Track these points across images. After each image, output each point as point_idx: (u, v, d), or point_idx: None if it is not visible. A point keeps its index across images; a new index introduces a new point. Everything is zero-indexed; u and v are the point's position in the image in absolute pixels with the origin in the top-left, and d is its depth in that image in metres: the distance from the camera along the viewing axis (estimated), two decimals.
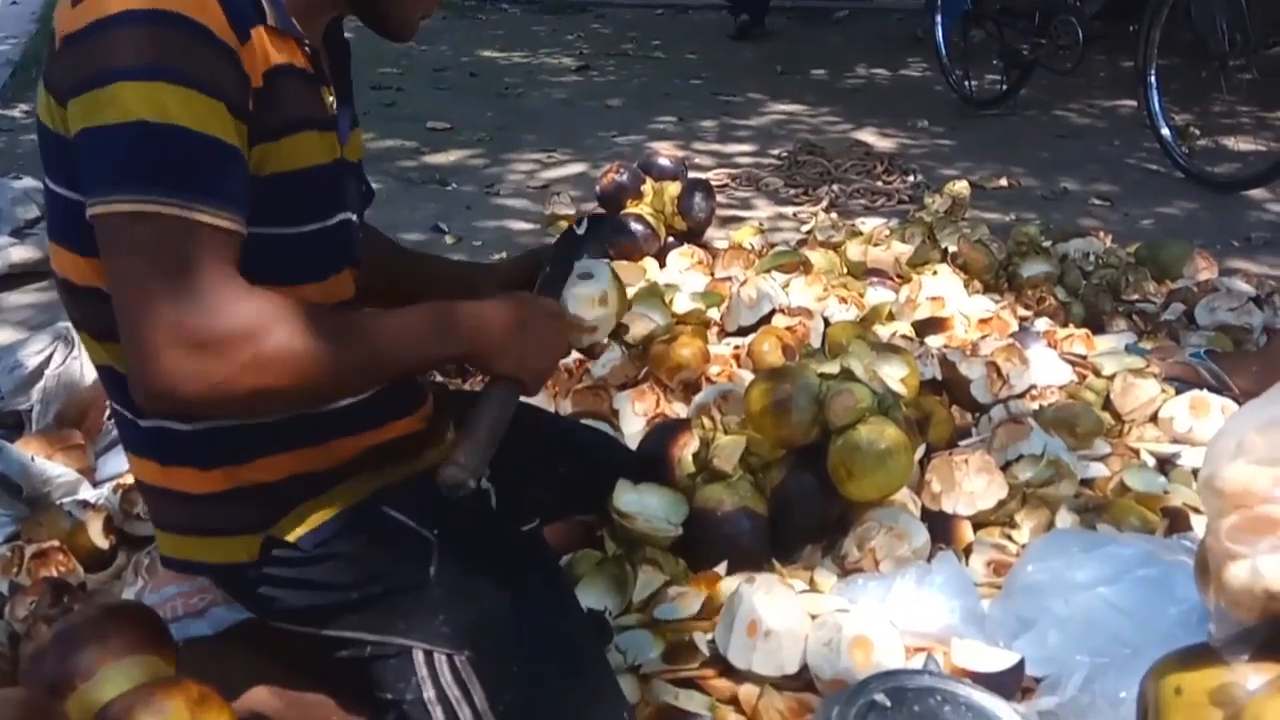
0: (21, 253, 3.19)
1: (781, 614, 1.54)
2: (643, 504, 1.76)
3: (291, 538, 1.28)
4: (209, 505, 1.29)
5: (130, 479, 1.97)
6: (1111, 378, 2.28)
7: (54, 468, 2.03)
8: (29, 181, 3.71)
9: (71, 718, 1.17)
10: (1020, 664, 1.50)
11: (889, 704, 1.34)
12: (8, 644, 1.63)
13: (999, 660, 1.50)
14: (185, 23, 1.06)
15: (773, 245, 3.27)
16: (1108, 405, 2.25)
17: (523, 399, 1.35)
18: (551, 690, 1.31)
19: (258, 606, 1.34)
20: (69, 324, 2.29)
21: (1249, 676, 0.90)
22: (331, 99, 1.29)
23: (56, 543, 1.86)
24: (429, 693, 1.28)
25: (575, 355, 2.43)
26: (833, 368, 1.88)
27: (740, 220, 3.75)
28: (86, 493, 2.04)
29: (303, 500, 1.29)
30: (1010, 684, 1.48)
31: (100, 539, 1.90)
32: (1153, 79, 4.28)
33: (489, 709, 1.27)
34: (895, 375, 2.05)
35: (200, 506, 1.29)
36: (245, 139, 1.12)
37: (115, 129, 1.04)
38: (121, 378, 1.19)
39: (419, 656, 1.29)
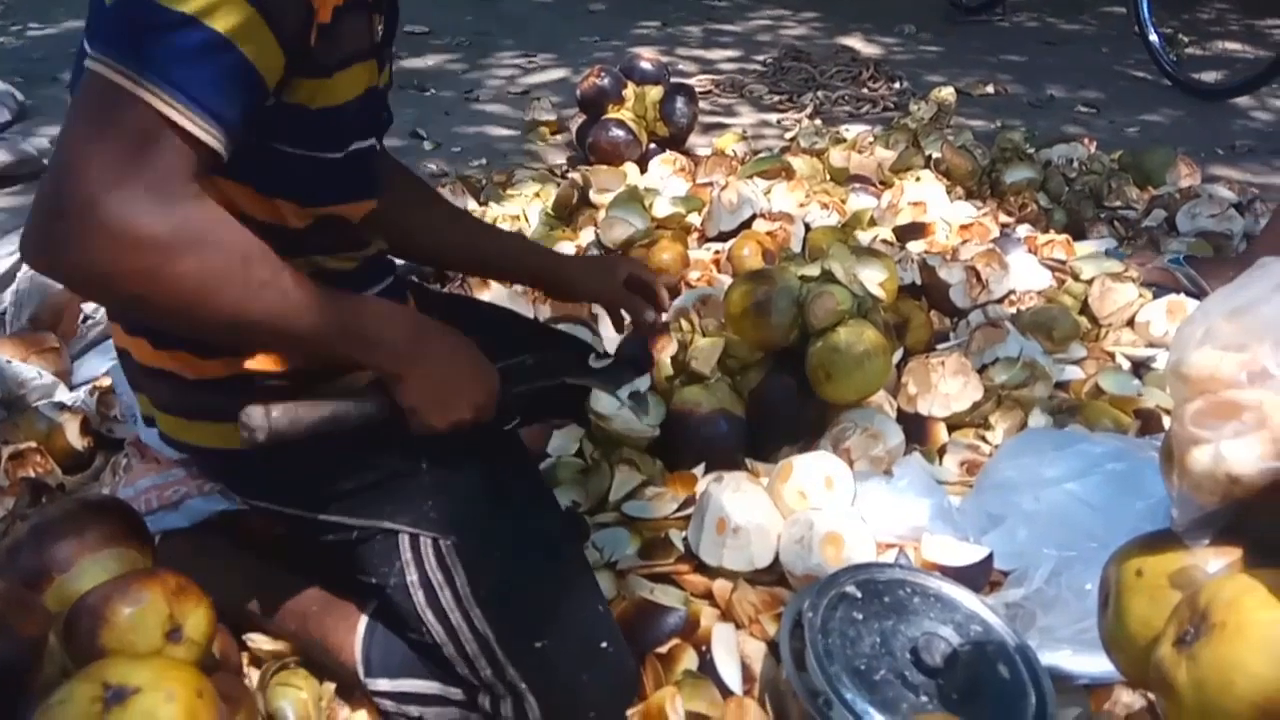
0: None
1: (749, 510, 1.56)
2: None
3: None
4: (204, 391, 1.27)
5: (106, 381, 1.97)
6: (1090, 282, 2.28)
7: (29, 370, 2.02)
8: (1, 85, 3.63)
9: (49, 608, 1.18)
10: (988, 558, 1.52)
11: (860, 595, 1.36)
12: None
13: (968, 554, 1.52)
14: None
15: (756, 153, 3.23)
16: (1086, 310, 2.25)
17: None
18: (531, 579, 1.33)
19: (248, 489, 1.35)
20: None
21: (1209, 560, 0.91)
22: (380, 26, 1.24)
23: (34, 444, 1.86)
24: (412, 576, 1.30)
25: None
26: (813, 270, 1.87)
27: (723, 127, 3.70)
28: (63, 395, 2.03)
29: (299, 393, 1.28)
30: (978, 577, 1.50)
31: (77, 441, 1.90)
32: None
33: (470, 593, 1.29)
34: (874, 279, 2.04)
35: (194, 391, 1.27)
36: (282, 68, 1.06)
37: (149, 4, 0.98)
38: None
39: (404, 540, 1.31)
